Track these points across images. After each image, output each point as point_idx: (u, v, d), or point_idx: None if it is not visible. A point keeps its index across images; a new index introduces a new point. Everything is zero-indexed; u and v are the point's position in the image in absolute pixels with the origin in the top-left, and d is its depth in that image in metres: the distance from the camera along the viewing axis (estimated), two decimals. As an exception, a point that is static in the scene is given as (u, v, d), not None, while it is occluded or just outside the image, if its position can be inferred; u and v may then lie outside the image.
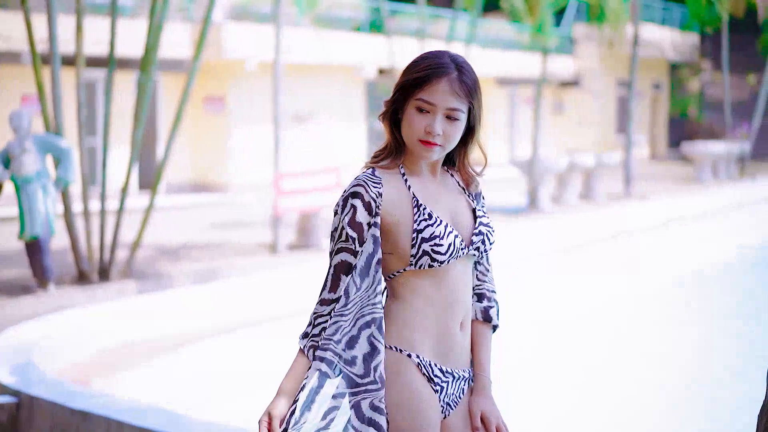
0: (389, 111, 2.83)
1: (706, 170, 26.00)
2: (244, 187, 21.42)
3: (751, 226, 19.50)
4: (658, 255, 15.68)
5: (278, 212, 12.91)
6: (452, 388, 2.81)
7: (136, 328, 9.07)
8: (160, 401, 6.42)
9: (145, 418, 5.27)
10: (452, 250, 2.75)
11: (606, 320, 10.85)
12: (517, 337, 9.11)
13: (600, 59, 32.94)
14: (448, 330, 2.79)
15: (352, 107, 24.61)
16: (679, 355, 9.22)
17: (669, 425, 7.17)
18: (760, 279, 13.44)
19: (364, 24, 25.44)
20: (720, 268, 14.37)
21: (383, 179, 2.78)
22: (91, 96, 19.05)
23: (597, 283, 13.26)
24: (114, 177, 16.17)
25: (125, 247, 12.17)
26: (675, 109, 38.34)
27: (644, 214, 19.25)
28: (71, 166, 9.83)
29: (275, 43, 13.52)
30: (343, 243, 2.77)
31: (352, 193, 2.76)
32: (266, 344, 9.53)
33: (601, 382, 8.30)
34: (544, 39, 19.41)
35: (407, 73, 2.79)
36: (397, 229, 2.76)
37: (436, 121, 2.74)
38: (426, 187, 2.83)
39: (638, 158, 29.80)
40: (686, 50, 37.02)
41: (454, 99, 2.74)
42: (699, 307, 11.71)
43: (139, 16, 19.33)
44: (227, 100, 21.64)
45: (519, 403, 7.13)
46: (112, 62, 10.62)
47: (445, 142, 2.77)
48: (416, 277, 2.76)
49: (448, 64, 2.76)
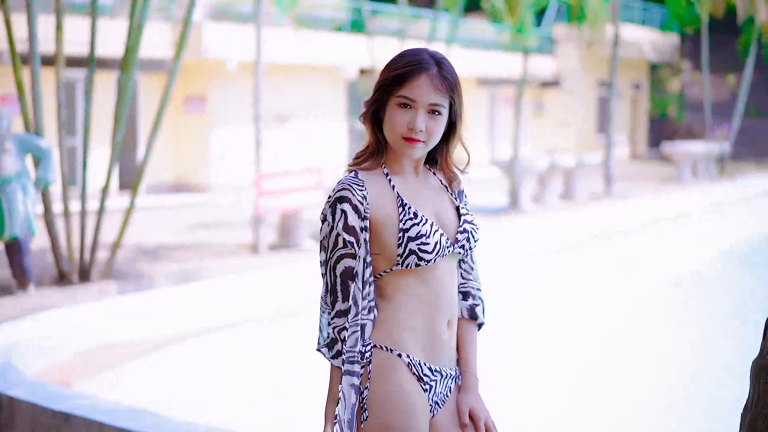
0: (370, 111, 2.82)
1: (686, 170, 26.11)
2: (224, 188, 21.37)
3: (733, 227, 19.60)
4: (642, 255, 15.74)
5: (259, 212, 12.89)
6: (440, 386, 2.82)
7: (117, 329, 9.02)
8: (141, 402, 6.39)
9: (127, 420, 5.24)
10: (438, 249, 2.75)
11: (595, 320, 10.88)
12: (506, 337, 9.12)
13: (580, 60, 33.03)
14: (435, 328, 2.79)
15: (333, 107, 24.60)
16: (675, 354, 9.25)
17: (667, 425, 7.18)
18: (739, 279, 13.51)
19: (345, 24, 25.43)
20: (704, 268, 14.44)
21: (366, 181, 2.77)
22: (70, 96, 18.97)
23: (582, 284, 13.29)
24: (93, 177, 16.10)
25: (105, 248, 12.12)
26: (655, 109, 38.49)
27: (625, 214, 19.31)
28: (51, 166, 9.78)
29: (256, 43, 13.49)
30: (343, 249, 2.75)
31: (339, 198, 2.74)
32: (248, 345, 9.52)
33: (594, 383, 8.31)
34: (524, 39, 19.46)
35: (387, 71, 2.79)
36: (383, 230, 2.75)
37: (418, 117, 2.74)
38: (410, 186, 2.83)
39: (618, 158, 29.89)
40: (666, 50, 37.17)
41: (435, 94, 2.75)
42: (693, 307, 11.75)
43: (119, 15, 19.26)
44: (208, 100, 21.58)
45: (512, 404, 7.14)
46: (93, 62, 10.57)
47: (428, 138, 2.77)
48: (403, 276, 2.76)
49: (427, 60, 2.77)
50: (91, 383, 7.79)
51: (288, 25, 22.36)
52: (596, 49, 29.89)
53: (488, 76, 28.91)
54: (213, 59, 20.66)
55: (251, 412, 7.47)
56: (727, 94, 38.26)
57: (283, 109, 22.90)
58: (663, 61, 37.71)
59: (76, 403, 5.63)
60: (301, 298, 10.55)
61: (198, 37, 19.79)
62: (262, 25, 13.62)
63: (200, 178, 21.61)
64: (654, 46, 35.97)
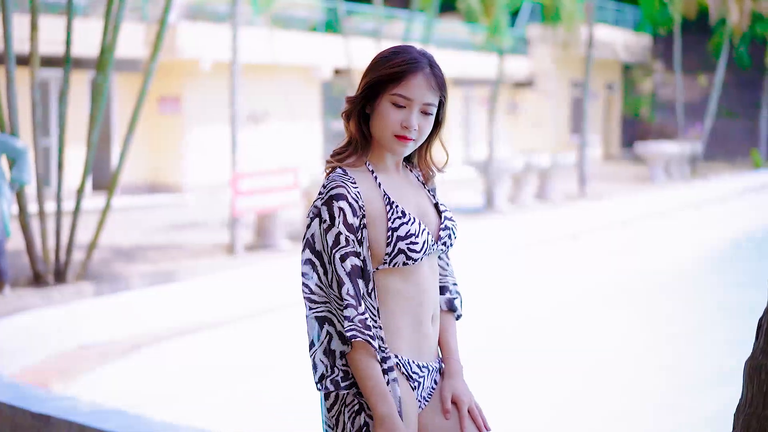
0: (358, 106, 2.79)
1: (659, 170, 26.25)
2: (199, 188, 21.29)
3: (709, 225, 19.72)
4: (619, 254, 15.79)
5: (236, 213, 12.84)
6: (427, 381, 2.82)
7: (94, 330, 8.98)
8: (120, 403, 6.36)
9: (108, 421, 5.20)
10: (425, 247, 2.74)
11: (571, 318, 10.90)
12: (480, 337, 9.12)
13: (554, 60, 33.13)
14: (421, 325, 2.79)
15: (307, 107, 24.55)
16: (652, 353, 9.28)
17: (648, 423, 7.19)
18: (717, 278, 13.60)
19: (320, 24, 25.40)
20: (681, 267, 14.51)
21: (356, 178, 2.74)
22: (43, 96, 18.84)
23: (559, 282, 13.31)
24: (67, 178, 15.98)
25: (80, 249, 12.04)
26: (628, 109, 38.67)
27: (601, 214, 19.38)
28: (27, 166, 9.69)
29: (232, 43, 13.44)
30: (346, 248, 2.68)
31: (335, 195, 2.69)
32: (227, 345, 9.49)
33: (569, 381, 8.33)
34: (499, 40, 19.49)
35: (379, 68, 2.76)
36: (372, 228, 2.72)
37: (412, 116, 2.74)
38: (394, 184, 2.82)
39: (591, 158, 30.00)
40: (639, 51, 37.35)
41: (429, 93, 2.75)
42: (668, 305, 11.79)
43: (91, 15, 19.13)
44: (182, 100, 21.49)
45: (487, 402, 7.12)
46: (68, 62, 10.49)
47: (419, 137, 2.78)
48: (388, 275, 2.74)
49: (421, 59, 2.77)
50: (68, 385, 7.74)
51: (262, 24, 22.31)
52: (570, 50, 29.98)
53: (463, 77, 28.93)
54: (187, 59, 20.57)
55: (231, 411, 7.44)
56: (699, 94, 38.48)
57: (258, 109, 22.84)
58: (635, 62, 37.90)
59: (56, 404, 5.58)
60: (279, 298, 10.53)
61: (172, 37, 19.69)
62: (237, 25, 13.57)
63: (174, 179, 21.52)
64: (627, 46, 36.13)
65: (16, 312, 8.96)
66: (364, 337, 2.61)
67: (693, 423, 6.96)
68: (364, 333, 2.61)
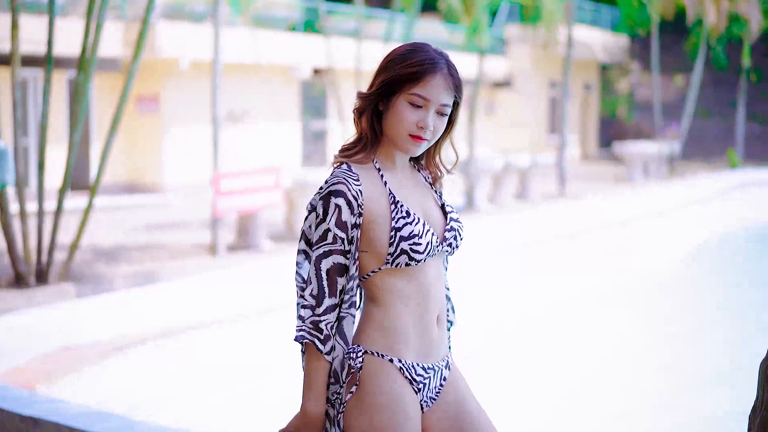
0: (372, 103, 2.77)
1: (637, 170, 26.34)
2: (178, 188, 21.19)
3: (690, 225, 19.78)
4: (604, 253, 15.79)
5: (218, 213, 12.78)
6: (434, 381, 2.81)
7: (78, 331, 8.89)
8: (106, 405, 6.31)
9: (97, 423, 5.16)
10: (429, 249, 2.72)
11: (568, 319, 10.88)
12: (477, 338, 9.11)
13: (532, 60, 33.19)
14: (426, 328, 2.77)
15: (286, 107, 24.49)
16: (644, 354, 9.29)
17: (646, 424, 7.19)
18: (698, 277, 13.64)
19: (299, 24, 25.33)
20: (665, 266, 14.54)
21: (360, 175, 2.72)
22: (22, 95, 18.70)
23: (547, 282, 13.29)
24: (46, 177, 15.87)
25: (62, 250, 11.96)
26: (605, 109, 38.81)
27: (584, 214, 19.40)
28: (8, 166, 9.62)
29: (214, 42, 13.38)
30: (331, 245, 2.69)
31: (334, 191, 2.68)
32: (211, 346, 9.43)
33: (556, 383, 8.32)
34: (479, 39, 19.50)
35: (396, 65, 2.73)
36: (375, 227, 2.70)
37: (429, 116, 2.72)
38: (400, 183, 2.80)
39: (569, 158, 30.09)
40: (616, 51, 37.48)
41: (446, 94, 2.73)
42: (652, 305, 11.81)
43: (69, 14, 19.00)
44: (161, 99, 21.39)
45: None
46: (50, 62, 10.41)
47: (432, 137, 2.76)
48: (391, 276, 2.72)
49: (439, 59, 2.74)
50: (52, 387, 7.66)
51: (241, 24, 22.23)
52: (549, 50, 30.05)
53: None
54: (166, 58, 20.48)
55: (216, 412, 7.41)
56: (675, 94, 38.67)
57: (236, 108, 22.76)
58: (613, 62, 38.03)
59: (44, 407, 5.53)
60: (262, 299, 10.48)
61: (151, 37, 19.60)
62: (219, 24, 13.50)
63: (153, 178, 21.40)
64: (604, 47, 36.26)
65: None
66: (311, 339, 2.66)
67: (692, 423, 6.97)
68: (312, 334, 2.66)
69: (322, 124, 25.42)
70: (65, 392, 7.44)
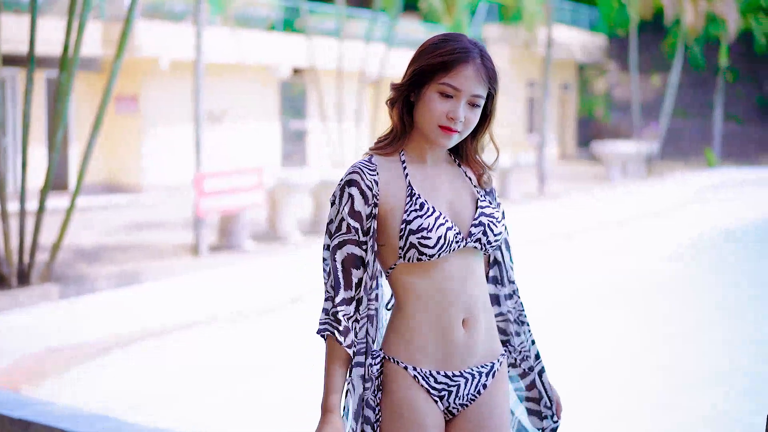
0: (403, 94, 2.70)
1: (616, 170, 26.44)
2: (157, 188, 21.09)
3: (673, 224, 19.86)
4: (589, 253, 15.81)
5: (200, 213, 12.72)
6: (466, 388, 2.71)
7: (62, 332, 8.84)
8: (92, 406, 6.26)
9: (89, 425, 5.11)
10: (443, 243, 2.61)
11: (564, 319, 10.84)
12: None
13: (510, 60, 33.25)
14: (447, 333, 2.67)
15: (266, 107, 24.43)
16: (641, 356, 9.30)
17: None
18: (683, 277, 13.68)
19: (278, 23, 25.28)
20: (653, 265, 14.57)
21: (379, 166, 2.67)
22: (0, 95, 18.56)
23: (550, 282, 13.27)
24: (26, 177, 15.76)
25: (43, 250, 11.87)
26: (583, 109, 38.94)
27: (561, 213, 19.46)
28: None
29: (196, 41, 13.32)
30: (345, 235, 2.64)
31: (348, 181, 2.64)
32: (196, 346, 9.39)
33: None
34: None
35: (428, 56, 2.66)
36: (390, 219, 2.64)
37: (459, 107, 2.64)
38: (425, 176, 2.71)
39: (548, 158, 30.17)
40: (594, 51, 37.60)
41: (478, 85, 2.66)
42: (639, 307, 11.81)
43: (46, 13, 18.87)
44: (140, 99, 21.28)
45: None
46: (33, 61, 10.33)
47: (464, 129, 2.68)
48: (409, 273, 2.65)
49: (472, 48, 2.66)
50: (38, 388, 7.61)
51: (221, 23, 22.16)
52: (528, 50, 30.12)
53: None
54: (145, 57, 20.38)
55: (202, 412, 7.37)
56: (652, 94, 38.84)
57: (216, 108, 22.69)
58: (590, 62, 38.16)
59: (35, 409, 5.48)
60: (246, 299, 10.45)
61: (130, 36, 19.48)
62: (198, 23, 13.45)
63: (132, 178, 21.30)
64: (583, 47, 36.37)
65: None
66: (331, 330, 2.62)
67: (690, 422, 6.96)
68: (332, 326, 2.63)
69: (301, 123, 25.38)
70: (51, 393, 7.39)
